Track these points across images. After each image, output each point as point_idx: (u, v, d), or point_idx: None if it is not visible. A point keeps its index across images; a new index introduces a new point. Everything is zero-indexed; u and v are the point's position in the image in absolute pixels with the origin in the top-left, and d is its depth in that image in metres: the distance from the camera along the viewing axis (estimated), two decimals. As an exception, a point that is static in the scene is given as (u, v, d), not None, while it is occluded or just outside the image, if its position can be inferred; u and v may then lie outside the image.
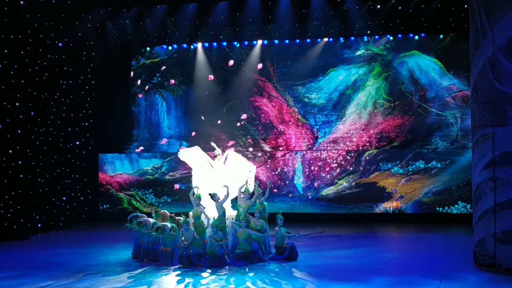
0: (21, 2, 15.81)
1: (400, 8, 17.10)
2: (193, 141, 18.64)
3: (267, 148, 18.63)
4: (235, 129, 18.76)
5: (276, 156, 18.39)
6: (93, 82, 18.84)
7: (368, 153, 17.84)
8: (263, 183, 15.71)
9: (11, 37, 15.52)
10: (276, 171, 18.32)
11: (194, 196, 11.94)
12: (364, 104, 18.12)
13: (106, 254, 13.07)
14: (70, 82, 17.94)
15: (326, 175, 18.04)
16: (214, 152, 13.00)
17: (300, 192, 18.18)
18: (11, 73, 15.55)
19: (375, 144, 17.97)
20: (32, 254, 13.28)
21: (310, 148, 18.38)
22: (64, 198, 17.54)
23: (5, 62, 15.40)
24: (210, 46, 18.96)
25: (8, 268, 11.62)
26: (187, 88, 19.15)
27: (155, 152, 19.15)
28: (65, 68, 17.76)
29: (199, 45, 18.94)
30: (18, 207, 15.54)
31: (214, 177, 12.71)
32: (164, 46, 19.20)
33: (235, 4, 17.42)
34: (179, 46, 19.10)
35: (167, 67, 19.23)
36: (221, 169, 12.85)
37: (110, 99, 19.17)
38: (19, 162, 15.69)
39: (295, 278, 10.52)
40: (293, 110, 18.60)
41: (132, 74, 19.39)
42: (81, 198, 18.41)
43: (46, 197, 16.82)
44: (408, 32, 17.70)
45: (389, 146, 17.90)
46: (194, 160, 12.89)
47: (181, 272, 11.15)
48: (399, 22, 17.35)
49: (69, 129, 17.94)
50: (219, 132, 18.69)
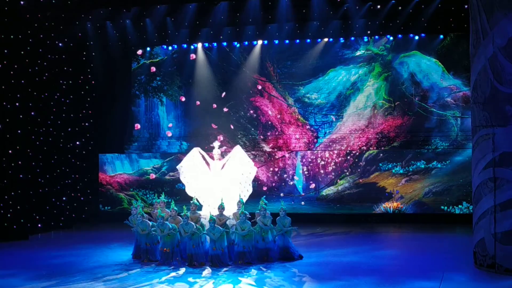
0: (21, 2, 15.81)
1: (400, 8, 17.10)
2: (193, 141, 18.65)
3: (267, 148, 18.63)
4: (235, 129, 18.75)
5: (276, 156, 18.39)
6: (93, 82, 18.84)
7: (368, 153, 17.85)
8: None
9: (11, 37, 15.53)
10: (276, 171, 18.31)
11: (192, 202, 12.29)
12: (364, 104, 18.11)
13: (106, 254, 13.07)
14: (70, 82, 17.94)
15: (326, 175, 18.04)
16: (213, 152, 13.00)
17: (301, 193, 18.19)
18: (11, 73, 15.56)
19: (375, 144, 17.96)
20: (32, 254, 13.28)
21: (310, 148, 18.37)
22: (64, 198, 17.54)
23: (5, 62, 15.41)
24: (210, 46, 18.95)
25: (8, 268, 11.62)
26: (187, 88, 19.13)
27: (155, 152, 19.15)
28: (65, 68, 17.76)
29: (199, 45, 18.93)
30: (18, 207, 15.55)
31: (210, 180, 12.77)
32: (164, 46, 19.20)
33: (235, 4, 17.42)
34: (179, 46, 19.10)
35: (166, 71, 19.19)
36: (218, 172, 12.84)
37: (110, 99, 19.17)
38: (19, 162, 15.70)
39: (295, 278, 10.52)
40: (293, 110, 18.59)
41: (132, 73, 19.40)
42: (81, 198, 18.40)
43: (46, 197, 16.81)
44: (408, 32, 17.68)
45: (389, 146, 17.90)
46: (189, 170, 13.01)
47: (181, 272, 11.15)
48: (399, 22, 17.34)
49: (69, 129, 17.93)
50: (219, 132, 18.68)
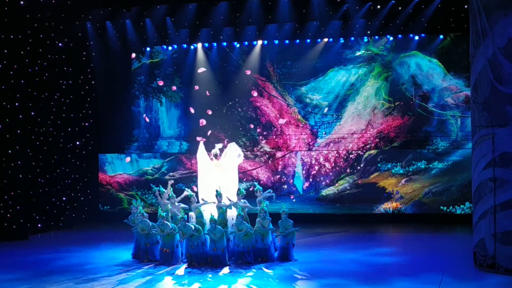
0: (21, 2, 15.81)
1: (400, 8, 17.09)
2: (193, 141, 18.65)
3: (267, 148, 18.63)
4: (235, 129, 18.74)
5: (276, 157, 18.39)
6: (93, 82, 18.83)
7: (368, 154, 17.84)
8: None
9: (11, 37, 15.53)
10: (276, 171, 18.31)
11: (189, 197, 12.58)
12: (364, 105, 18.10)
13: (106, 254, 13.07)
14: (70, 82, 17.94)
15: (326, 176, 18.04)
16: (213, 151, 13.07)
17: (300, 193, 18.18)
18: (11, 73, 15.56)
19: (375, 145, 17.96)
20: (32, 254, 13.28)
21: (310, 149, 18.37)
22: (64, 198, 17.53)
23: (5, 62, 15.41)
24: (210, 46, 18.95)
25: (8, 268, 11.62)
26: (187, 88, 19.11)
27: (155, 152, 19.14)
28: (65, 68, 17.76)
29: (199, 45, 18.93)
30: (18, 207, 15.54)
31: (211, 177, 12.88)
32: (164, 46, 19.19)
33: (235, 4, 17.42)
34: (179, 46, 19.09)
35: (166, 71, 19.18)
36: (218, 170, 12.92)
37: (110, 99, 19.16)
38: (19, 162, 15.69)
39: (295, 278, 10.53)
40: (293, 110, 18.58)
41: (132, 73, 19.39)
42: (81, 198, 18.39)
43: (46, 197, 16.81)
44: (408, 33, 17.66)
45: (389, 147, 17.89)
46: (200, 156, 13.14)
47: (181, 272, 11.15)
48: (399, 23, 17.33)
49: (69, 129, 17.93)
50: (219, 132, 18.67)
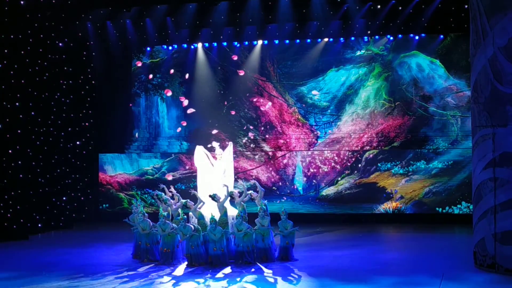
0: (21, 2, 15.81)
1: (400, 9, 17.08)
2: (193, 141, 18.64)
3: (267, 148, 18.62)
4: (235, 129, 18.74)
5: (277, 157, 18.38)
6: (93, 82, 18.84)
7: (368, 153, 17.84)
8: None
9: (11, 37, 15.53)
10: (276, 171, 18.31)
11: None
12: (364, 104, 18.10)
13: (106, 254, 13.07)
14: (70, 82, 17.94)
15: (326, 175, 18.04)
16: (216, 152, 13.08)
17: (301, 193, 18.18)
18: (11, 73, 15.56)
19: (375, 144, 17.96)
20: (32, 254, 13.28)
21: (310, 148, 18.36)
22: (64, 198, 17.53)
23: (5, 62, 15.41)
24: (210, 46, 18.94)
25: (8, 268, 11.62)
26: (187, 88, 19.11)
27: (155, 152, 19.13)
28: (65, 68, 17.76)
29: (199, 45, 18.92)
30: (18, 207, 15.55)
31: (214, 177, 12.87)
32: (164, 46, 19.18)
33: (235, 4, 17.40)
34: (179, 46, 19.08)
35: (167, 70, 19.16)
36: (221, 170, 12.92)
37: (110, 99, 19.16)
38: (19, 162, 15.70)
39: (295, 278, 10.52)
40: (293, 110, 18.58)
41: (132, 73, 19.38)
42: (81, 198, 18.40)
43: (46, 197, 16.81)
44: (409, 33, 17.66)
45: (389, 146, 17.89)
46: (197, 161, 13.10)
47: (181, 272, 11.15)
48: (399, 23, 17.32)
49: (69, 129, 17.93)
50: (219, 132, 18.67)
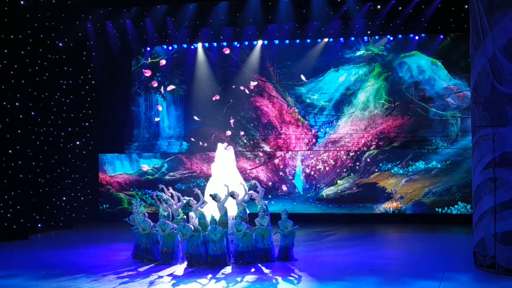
0: (21, 2, 15.81)
1: (400, 9, 17.11)
2: (194, 141, 18.66)
3: (267, 148, 18.63)
4: (235, 129, 18.74)
5: (276, 156, 18.39)
6: (93, 82, 18.85)
7: (368, 154, 17.84)
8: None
9: (11, 37, 15.52)
10: (276, 171, 18.32)
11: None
12: (364, 105, 18.11)
13: (106, 254, 13.07)
14: (70, 82, 17.95)
15: (326, 176, 18.04)
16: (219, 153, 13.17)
17: (301, 193, 18.18)
18: (11, 73, 15.55)
19: (375, 145, 17.96)
20: (32, 254, 13.28)
21: (310, 149, 18.37)
22: (64, 198, 17.53)
23: (5, 62, 15.40)
24: (210, 46, 18.95)
25: (8, 268, 11.62)
26: (187, 88, 19.13)
27: (156, 152, 19.14)
28: (65, 68, 17.77)
29: (199, 45, 18.93)
30: (18, 207, 15.53)
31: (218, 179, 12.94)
32: (164, 46, 19.19)
33: (235, 4, 17.43)
34: (179, 46, 19.09)
35: (167, 69, 19.17)
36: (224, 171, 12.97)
37: (110, 99, 19.16)
38: (19, 162, 15.68)
39: (295, 278, 10.52)
40: (293, 110, 18.59)
41: (132, 73, 19.39)
42: (81, 198, 18.40)
43: (46, 197, 16.81)
44: (408, 33, 17.68)
45: (389, 146, 17.89)
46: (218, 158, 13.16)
47: (181, 272, 11.15)
48: (399, 23, 17.35)
49: (69, 129, 17.93)
50: (219, 132, 18.68)
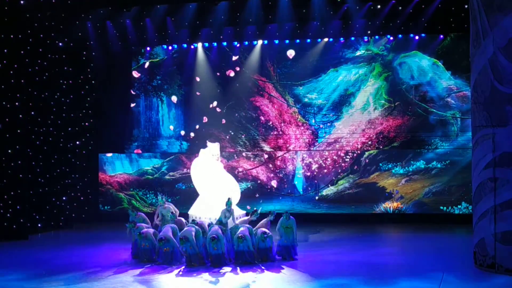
0: (21, 2, 15.81)
1: (400, 8, 17.10)
2: (193, 141, 18.65)
3: (267, 148, 18.62)
4: (235, 129, 18.73)
5: (276, 156, 18.38)
6: (93, 82, 18.84)
7: (368, 153, 17.84)
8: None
9: (11, 37, 15.53)
10: (276, 171, 18.31)
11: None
12: (364, 104, 18.10)
13: (106, 254, 13.07)
14: (70, 82, 17.94)
15: (326, 175, 18.04)
16: (211, 153, 13.19)
17: (300, 193, 18.18)
18: (11, 73, 15.56)
19: (375, 144, 17.96)
20: (32, 254, 13.28)
21: (310, 148, 18.36)
22: (64, 198, 17.52)
23: (5, 62, 15.41)
24: (210, 46, 18.94)
25: (8, 268, 11.62)
26: (187, 88, 19.12)
27: (156, 152, 19.13)
28: (65, 68, 17.76)
29: (199, 45, 18.92)
30: (18, 207, 15.55)
31: (212, 178, 12.97)
32: (164, 46, 19.18)
33: (235, 4, 17.42)
34: (179, 46, 19.08)
35: (166, 71, 19.16)
36: (219, 170, 13.01)
37: (110, 99, 19.15)
38: (19, 162, 15.69)
39: (295, 278, 10.53)
40: (293, 110, 18.58)
41: (132, 73, 19.38)
42: (81, 198, 18.39)
43: (46, 197, 16.80)
44: (409, 33, 17.67)
45: (389, 146, 17.89)
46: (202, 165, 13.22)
47: (181, 272, 11.15)
48: (399, 23, 17.34)
49: (69, 129, 17.93)
50: (219, 132, 18.67)
